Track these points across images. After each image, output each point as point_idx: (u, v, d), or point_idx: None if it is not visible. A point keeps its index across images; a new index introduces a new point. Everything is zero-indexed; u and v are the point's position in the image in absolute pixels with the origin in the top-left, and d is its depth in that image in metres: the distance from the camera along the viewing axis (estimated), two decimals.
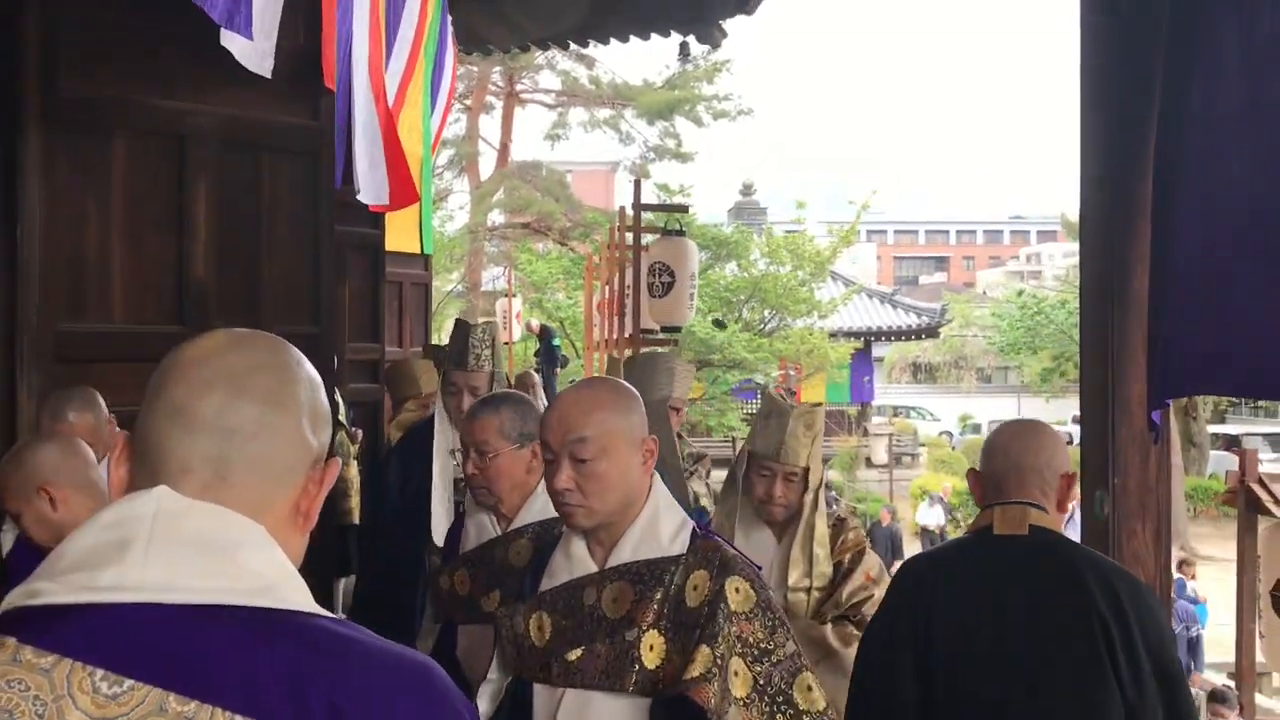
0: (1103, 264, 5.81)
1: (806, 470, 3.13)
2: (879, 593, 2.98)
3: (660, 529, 1.98)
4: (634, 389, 2.11)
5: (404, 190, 7.13)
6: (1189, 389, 3.64)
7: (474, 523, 2.73)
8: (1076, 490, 2.70)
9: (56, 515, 2.45)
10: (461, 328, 3.58)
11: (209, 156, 4.18)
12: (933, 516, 18.65)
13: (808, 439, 3.13)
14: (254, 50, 3.35)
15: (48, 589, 0.92)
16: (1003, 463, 2.41)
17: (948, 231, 71.78)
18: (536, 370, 17.23)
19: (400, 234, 8.18)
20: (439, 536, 3.24)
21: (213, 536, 0.97)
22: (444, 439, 3.56)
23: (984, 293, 47.41)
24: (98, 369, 3.73)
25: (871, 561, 3.23)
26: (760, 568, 2.17)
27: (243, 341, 1.08)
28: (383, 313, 8.16)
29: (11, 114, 3.73)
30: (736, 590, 1.92)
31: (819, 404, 3.49)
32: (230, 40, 3.25)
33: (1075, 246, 20.16)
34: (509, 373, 17.73)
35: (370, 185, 3.88)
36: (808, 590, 3.06)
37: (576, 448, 1.92)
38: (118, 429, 3.39)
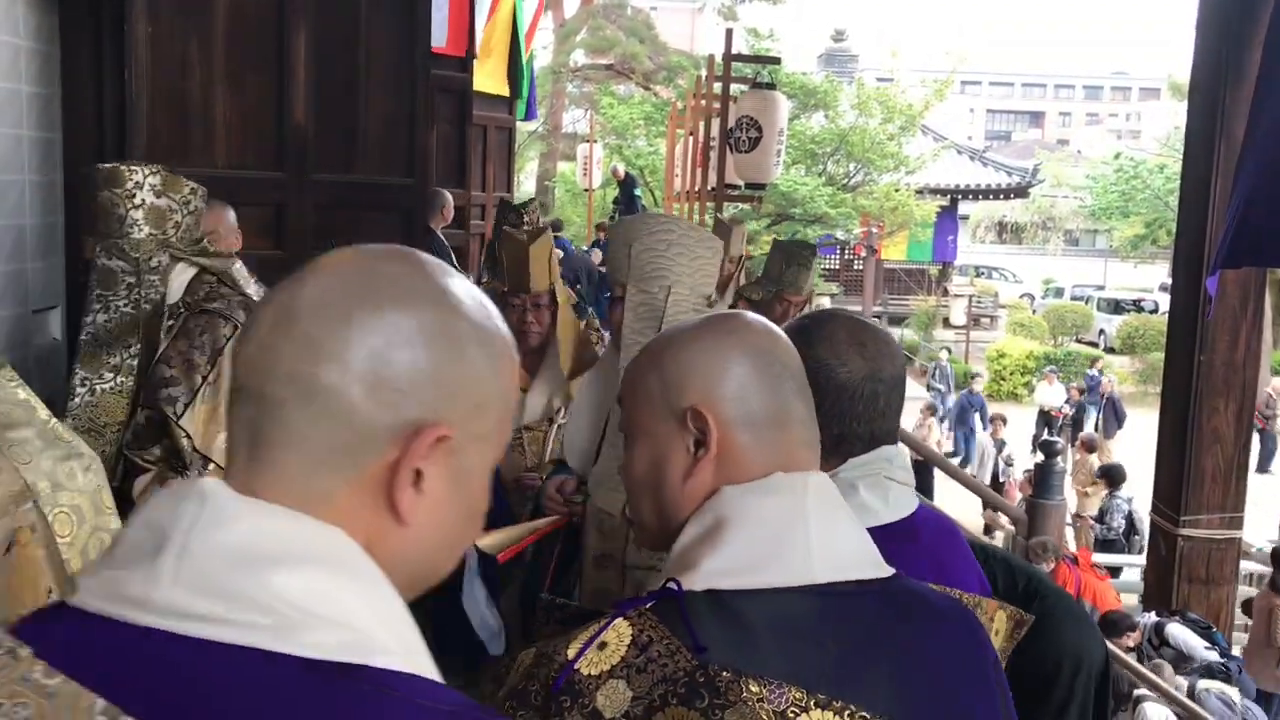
0: (1209, 133, 5.63)
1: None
2: None
3: None
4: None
5: (459, 37, 7.13)
6: (1248, 260, 3.59)
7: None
8: None
9: None
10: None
11: (308, 2, 4.20)
12: (1054, 396, 16.38)
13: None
14: None
15: (86, 585, 0.75)
16: None
17: (1045, 85, 68.92)
18: (611, 218, 17.23)
19: (487, 75, 8.14)
20: None
21: (251, 547, 0.74)
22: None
23: (1079, 152, 45.78)
24: None
25: None
26: None
27: (336, 266, 0.80)
28: (469, 157, 8.20)
29: None
30: None
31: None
32: None
33: (1179, 107, 19.25)
34: (587, 222, 17.75)
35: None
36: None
37: None
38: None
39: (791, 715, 0.95)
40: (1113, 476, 9.98)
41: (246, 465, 0.77)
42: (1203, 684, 5.44)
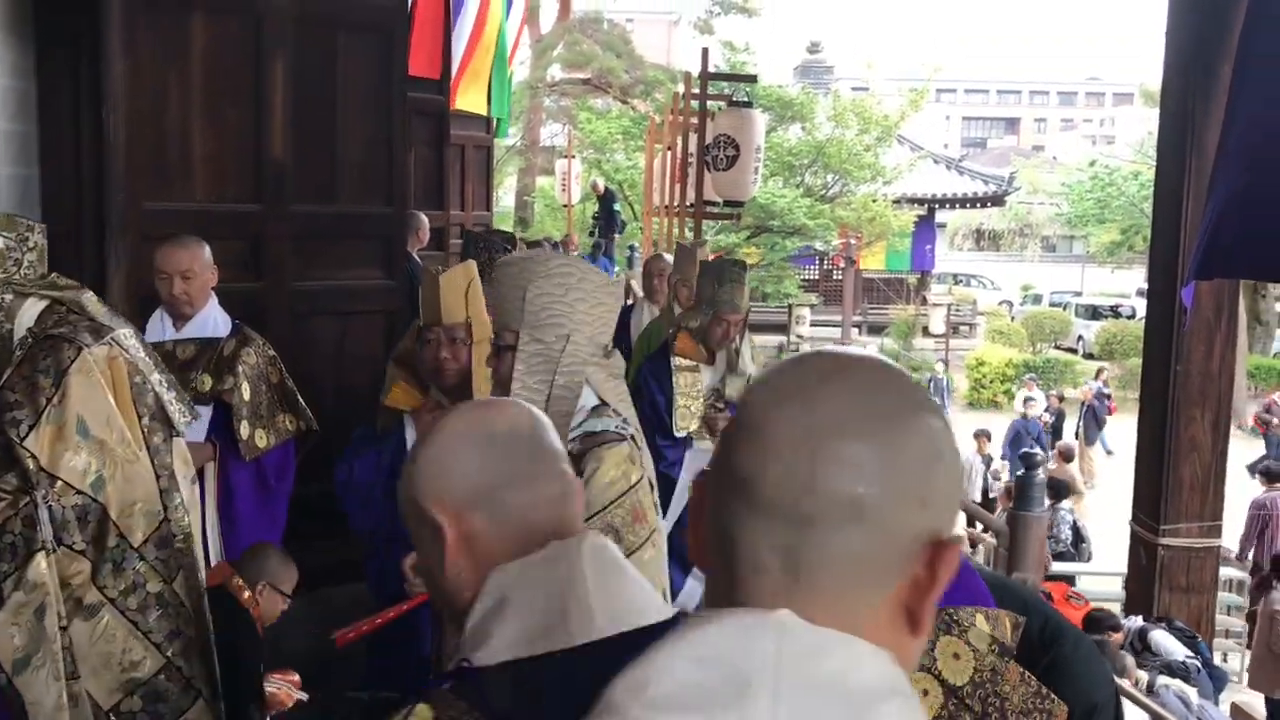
0: (1180, 145, 5.71)
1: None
2: None
3: None
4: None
5: (433, 59, 7.13)
6: (1220, 271, 3.65)
7: None
8: None
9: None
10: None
11: (284, 34, 4.20)
12: (1034, 404, 16.05)
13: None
14: None
15: None
16: None
17: (1020, 92, 69.45)
18: (591, 233, 17.28)
19: (474, 96, 8.15)
20: None
21: (849, 684, 0.72)
22: None
23: (1054, 158, 46.13)
24: None
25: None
26: None
27: (835, 376, 0.79)
28: (447, 178, 8.21)
29: None
30: None
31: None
32: None
33: (1151, 113, 19.43)
34: (569, 232, 17.81)
35: None
36: None
37: None
38: None
39: None
40: (1055, 489, 10.06)
41: (785, 586, 0.76)
42: (1161, 680, 5.50)
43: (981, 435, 13.25)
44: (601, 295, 2.12)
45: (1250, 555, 9.43)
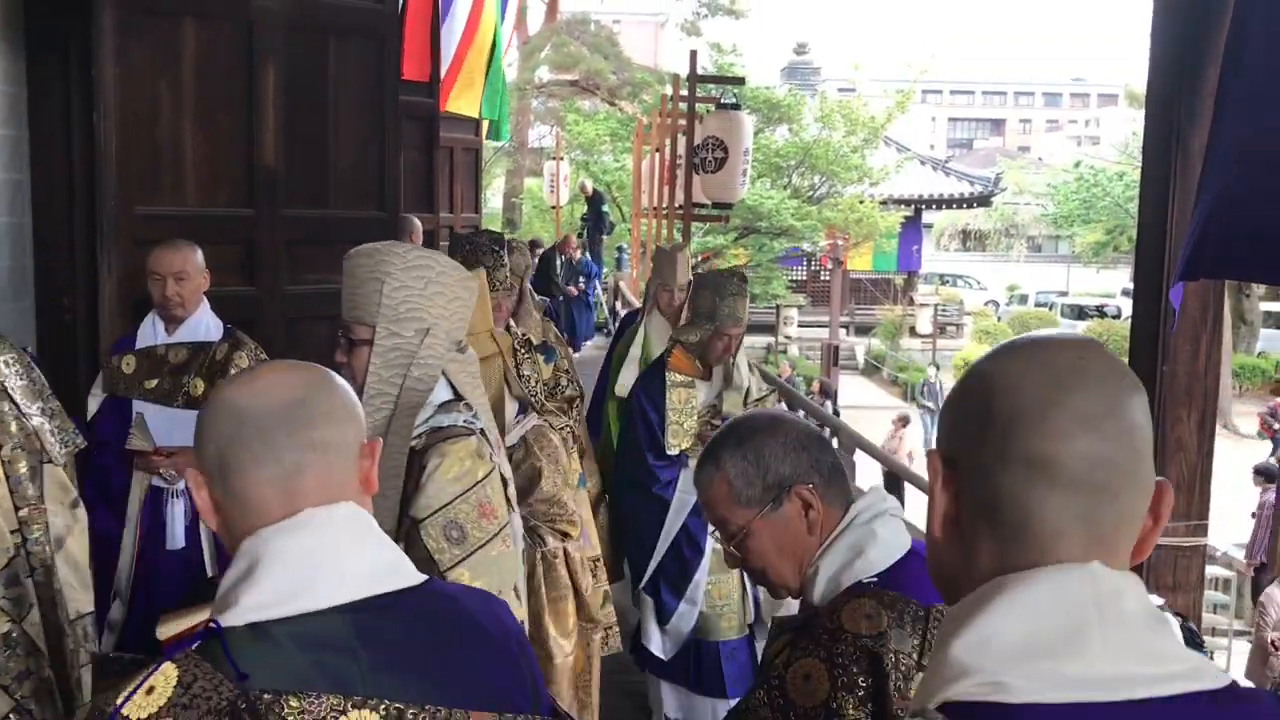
0: (1165, 147, 5.73)
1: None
2: None
3: None
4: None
5: (422, 62, 7.13)
6: (1205, 273, 3.67)
7: None
8: None
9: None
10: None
11: (276, 40, 4.21)
12: None
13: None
14: None
15: (1012, 684, 0.85)
16: None
17: (1005, 93, 69.72)
18: (579, 235, 17.27)
19: (469, 101, 8.14)
20: None
21: (1142, 612, 0.89)
22: None
23: (1040, 159, 46.33)
24: None
25: None
26: None
27: (1090, 361, 0.93)
28: (437, 180, 8.21)
29: None
30: None
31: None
32: None
33: (1136, 114, 19.54)
34: (555, 233, 17.82)
35: None
36: None
37: None
38: None
39: (333, 719, 1.06)
40: None
41: (1083, 545, 0.90)
42: None
43: None
44: (458, 290, 2.08)
45: (1260, 554, 9.47)
